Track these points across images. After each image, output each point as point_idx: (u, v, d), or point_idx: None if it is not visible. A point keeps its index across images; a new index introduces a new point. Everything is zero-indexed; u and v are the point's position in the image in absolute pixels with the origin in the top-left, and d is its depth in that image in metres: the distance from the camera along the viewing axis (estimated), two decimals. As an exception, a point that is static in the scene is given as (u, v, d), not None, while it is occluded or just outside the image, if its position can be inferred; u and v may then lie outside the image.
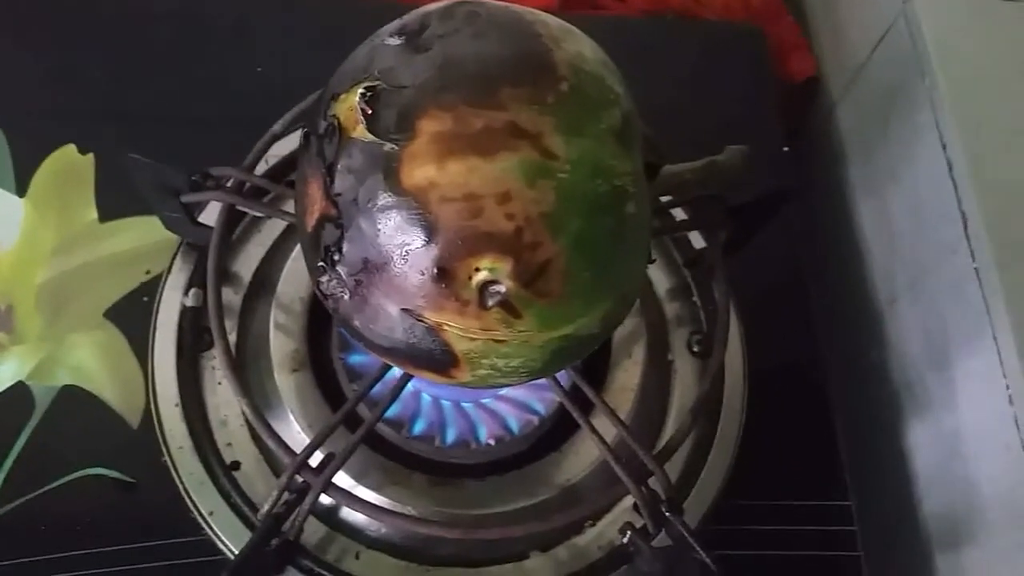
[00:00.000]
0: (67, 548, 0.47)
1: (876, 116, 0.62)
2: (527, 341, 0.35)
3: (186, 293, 0.53)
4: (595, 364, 0.52)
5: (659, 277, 0.57)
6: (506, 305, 0.34)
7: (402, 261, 0.33)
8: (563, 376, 0.46)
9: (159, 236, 0.54)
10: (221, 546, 0.47)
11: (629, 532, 0.45)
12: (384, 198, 0.33)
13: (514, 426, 0.50)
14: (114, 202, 0.57)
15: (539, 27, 0.35)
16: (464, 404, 0.50)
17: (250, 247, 0.55)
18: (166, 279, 0.54)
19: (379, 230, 0.33)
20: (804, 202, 0.65)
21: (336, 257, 0.35)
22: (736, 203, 0.50)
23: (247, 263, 0.55)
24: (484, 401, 0.50)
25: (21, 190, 0.56)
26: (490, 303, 0.34)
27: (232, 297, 0.53)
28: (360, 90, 0.34)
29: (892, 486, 0.58)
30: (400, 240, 0.33)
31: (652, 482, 0.44)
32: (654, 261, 0.56)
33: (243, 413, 0.50)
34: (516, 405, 0.50)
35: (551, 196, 0.33)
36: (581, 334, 0.37)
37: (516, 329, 0.35)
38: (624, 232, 0.35)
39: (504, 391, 0.50)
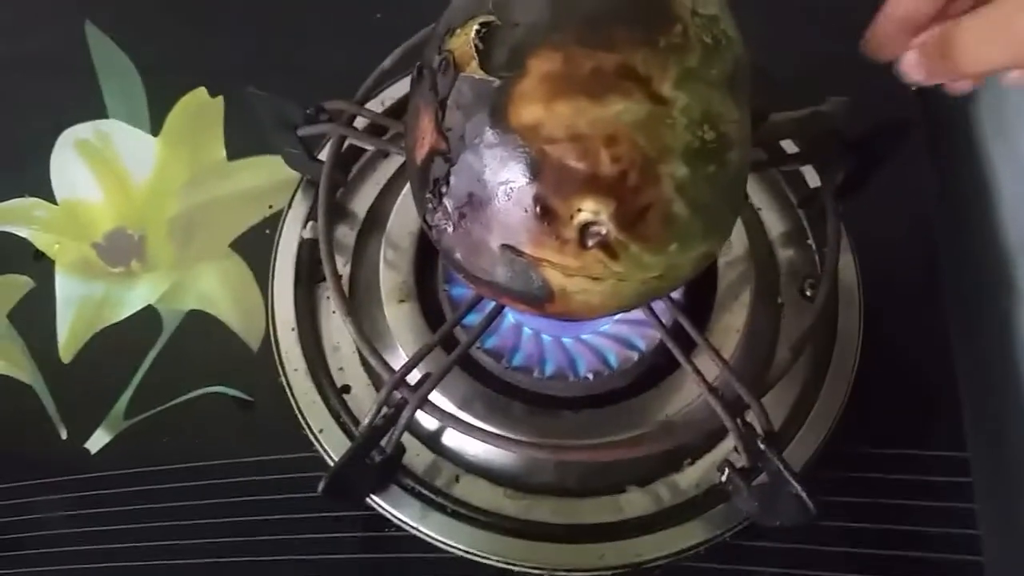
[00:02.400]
0: (187, 459, 0.51)
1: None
2: (622, 280, 0.36)
3: (304, 226, 0.56)
4: (700, 304, 0.51)
5: (771, 219, 0.55)
6: (605, 246, 0.34)
7: (505, 197, 0.34)
8: (665, 313, 0.46)
9: (282, 174, 0.57)
10: (329, 461, 0.49)
11: (727, 470, 0.45)
12: (490, 135, 0.34)
13: (613, 361, 0.49)
14: (241, 142, 0.60)
15: None
16: (564, 339, 0.51)
17: (366, 186, 0.57)
18: (287, 214, 0.56)
19: (485, 166, 0.34)
20: (934, 146, 0.62)
21: (443, 190, 0.36)
22: (854, 136, 0.48)
23: (362, 201, 0.56)
24: (584, 336, 0.51)
25: (156, 129, 0.60)
26: (590, 243, 0.34)
27: (347, 233, 0.55)
28: (475, 26, 0.34)
29: (1012, 439, 0.55)
30: (504, 177, 0.34)
31: (750, 417, 0.43)
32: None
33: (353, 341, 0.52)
34: (617, 340, 0.50)
35: (657, 142, 0.33)
36: (673, 275, 0.37)
37: (612, 269, 0.35)
38: (725, 179, 0.35)
39: (605, 327, 0.50)
